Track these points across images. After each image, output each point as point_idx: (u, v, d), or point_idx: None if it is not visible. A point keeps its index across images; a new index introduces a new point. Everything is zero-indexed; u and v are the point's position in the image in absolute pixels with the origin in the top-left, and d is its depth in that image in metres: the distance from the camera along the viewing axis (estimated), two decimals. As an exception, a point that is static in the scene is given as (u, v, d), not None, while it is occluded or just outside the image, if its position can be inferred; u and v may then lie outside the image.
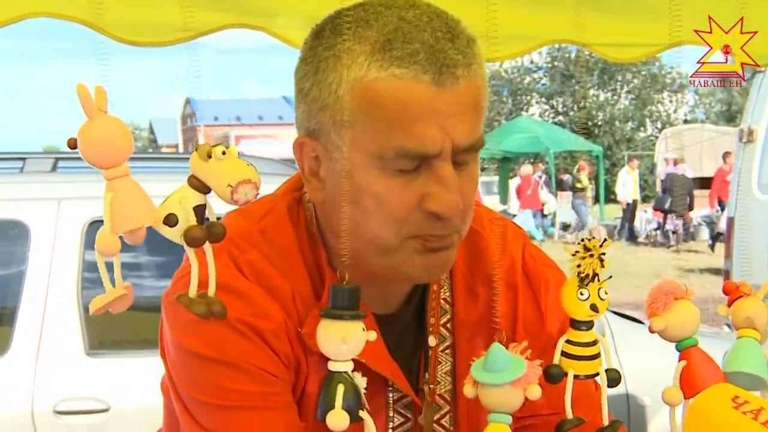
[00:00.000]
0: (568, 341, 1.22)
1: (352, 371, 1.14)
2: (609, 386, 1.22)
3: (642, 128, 39.55)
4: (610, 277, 1.21)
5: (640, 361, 3.84)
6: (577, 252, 1.20)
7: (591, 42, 2.14)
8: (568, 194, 21.30)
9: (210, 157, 1.02)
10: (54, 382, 3.42)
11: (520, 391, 1.12)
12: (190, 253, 1.04)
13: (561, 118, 38.41)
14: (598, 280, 1.19)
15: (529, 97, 39.93)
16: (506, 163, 23.78)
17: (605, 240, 1.20)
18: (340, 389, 1.08)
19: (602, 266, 1.19)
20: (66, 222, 3.52)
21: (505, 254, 1.38)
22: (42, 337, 3.45)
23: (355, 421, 1.10)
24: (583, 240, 1.20)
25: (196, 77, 1.24)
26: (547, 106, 39.80)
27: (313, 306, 1.24)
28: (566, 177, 22.64)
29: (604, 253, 1.19)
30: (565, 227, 20.80)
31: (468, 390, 1.19)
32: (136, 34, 1.82)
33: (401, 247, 1.19)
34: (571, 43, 2.05)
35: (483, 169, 24.83)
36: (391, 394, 1.31)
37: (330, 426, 1.07)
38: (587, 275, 1.19)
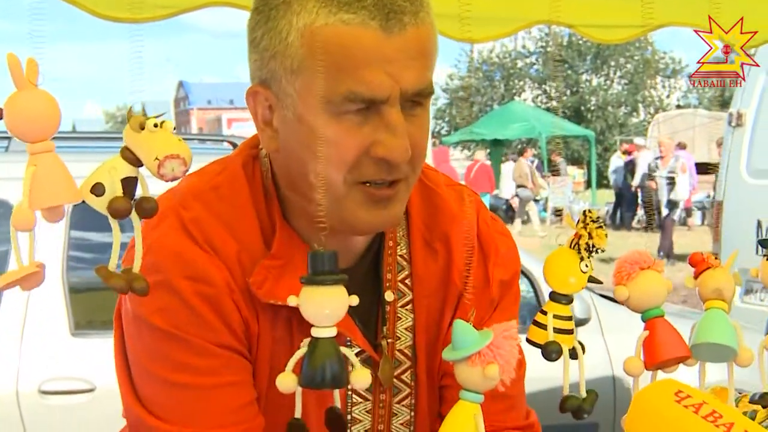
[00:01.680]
0: (556, 316, 1.21)
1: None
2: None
3: (635, 113, 39.48)
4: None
5: (626, 344, 3.85)
6: (586, 223, 1.20)
7: (572, 23, 2.14)
8: (562, 179, 21.28)
9: (143, 129, 1.00)
10: (39, 362, 3.43)
11: (478, 369, 1.08)
12: (113, 224, 1.03)
13: (554, 103, 38.35)
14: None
15: (521, 83, 39.84)
16: (498, 148, 23.80)
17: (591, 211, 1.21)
18: (350, 352, 1.08)
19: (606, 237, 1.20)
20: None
21: (462, 216, 1.40)
22: (27, 317, 3.45)
23: (345, 385, 1.09)
24: (585, 213, 1.21)
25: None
26: (539, 91, 39.73)
27: (262, 257, 1.25)
28: (559, 160, 22.63)
29: (602, 226, 1.20)
30: (558, 212, 20.77)
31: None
32: (116, 9, 1.81)
33: (348, 195, 1.20)
34: (549, 24, 2.05)
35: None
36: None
37: (355, 384, 1.08)
38: (594, 246, 1.20)
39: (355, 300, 1.08)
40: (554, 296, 1.22)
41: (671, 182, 14.31)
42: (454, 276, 1.37)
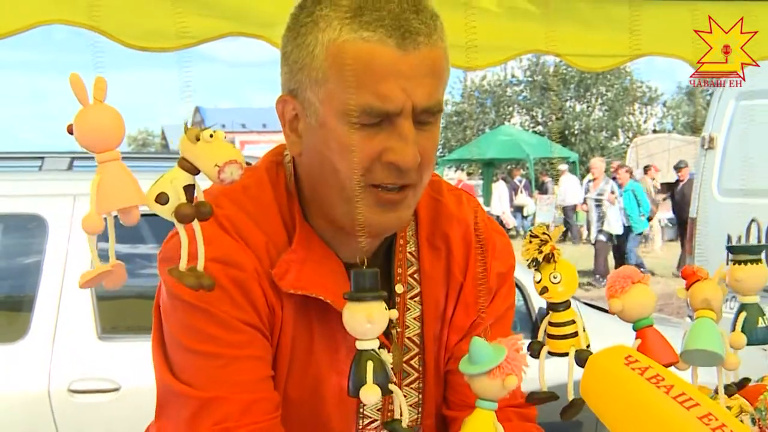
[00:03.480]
0: (549, 322, 1.23)
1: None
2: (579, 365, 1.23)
3: (615, 137, 39.47)
4: (555, 262, 1.23)
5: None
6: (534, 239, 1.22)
7: (562, 52, 2.14)
8: (548, 197, 21.30)
9: (198, 139, 1.01)
10: (69, 363, 3.44)
11: (498, 380, 1.10)
12: (180, 229, 1.03)
13: (540, 127, 38.40)
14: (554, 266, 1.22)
15: (511, 108, 39.88)
16: (490, 169, 23.80)
17: (556, 227, 1.23)
18: (370, 366, 1.08)
19: (539, 252, 1.21)
20: (81, 216, 3.51)
21: (461, 216, 1.44)
22: (58, 322, 3.46)
23: (387, 394, 1.09)
24: (531, 229, 1.23)
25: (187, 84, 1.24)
26: (527, 117, 39.76)
27: (285, 251, 1.29)
28: (548, 180, 22.66)
29: (544, 242, 1.21)
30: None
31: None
32: (142, 40, 1.81)
33: (361, 197, 1.23)
34: (544, 53, 2.06)
35: (469, 174, 24.83)
36: None
37: (364, 399, 1.08)
38: (529, 260, 1.22)
39: (394, 314, 1.10)
40: (548, 305, 1.25)
41: (599, 204, 13.78)
42: (454, 270, 1.41)
